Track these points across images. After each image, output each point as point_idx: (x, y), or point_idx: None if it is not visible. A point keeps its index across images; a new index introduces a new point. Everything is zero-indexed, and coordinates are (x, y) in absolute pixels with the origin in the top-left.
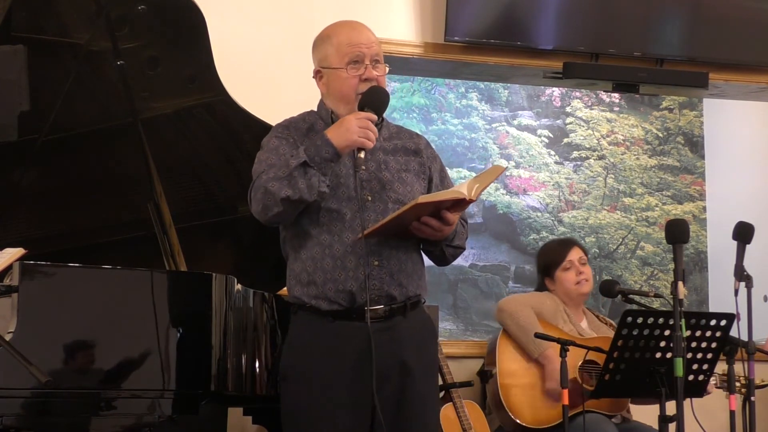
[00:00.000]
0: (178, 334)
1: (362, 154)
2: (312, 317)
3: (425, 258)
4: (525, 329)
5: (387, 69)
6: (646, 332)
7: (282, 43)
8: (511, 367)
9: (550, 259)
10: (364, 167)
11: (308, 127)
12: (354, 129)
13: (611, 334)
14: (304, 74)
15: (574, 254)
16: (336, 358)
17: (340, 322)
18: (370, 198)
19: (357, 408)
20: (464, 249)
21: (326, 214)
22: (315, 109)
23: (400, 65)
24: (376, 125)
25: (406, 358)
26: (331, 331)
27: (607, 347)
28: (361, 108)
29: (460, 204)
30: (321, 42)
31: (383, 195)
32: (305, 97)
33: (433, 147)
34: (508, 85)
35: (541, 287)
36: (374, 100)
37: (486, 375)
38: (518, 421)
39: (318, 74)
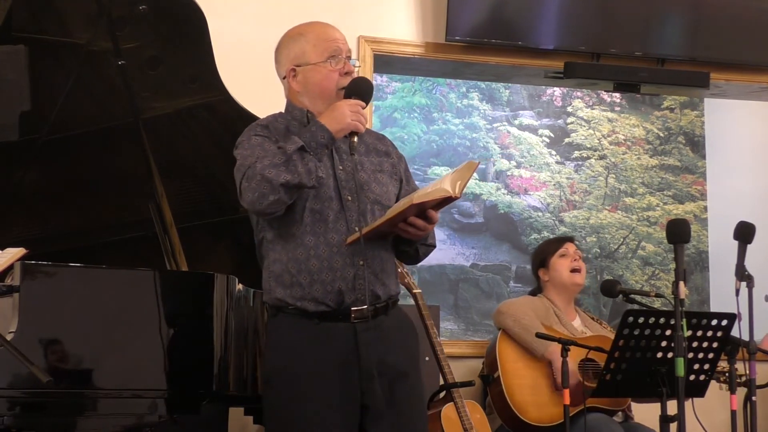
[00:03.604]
0: (179, 334)
1: (355, 139)
2: (296, 319)
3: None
4: (528, 329)
5: (358, 66)
6: (647, 332)
7: None
8: (515, 367)
9: (545, 249)
10: (341, 167)
11: (284, 128)
12: (347, 113)
13: (606, 333)
14: None
15: (571, 247)
16: (323, 359)
17: (326, 324)
18: (350, 198)
19: (345, 409)
20: (435, 246)
21: (309, 215)
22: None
23: (401, 65)
24: None
25: (392, 356)
26: (317, 333)
27: (607, 347)
28: (347, 97)
29: (443, 202)
30: (292, 40)
31: (362, 195)
32: None
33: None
34: (509, 84)
35: (535, 289)
36: (360, 90)
37: (488, 379)
38: (524, 419)
39: (291, 72)
